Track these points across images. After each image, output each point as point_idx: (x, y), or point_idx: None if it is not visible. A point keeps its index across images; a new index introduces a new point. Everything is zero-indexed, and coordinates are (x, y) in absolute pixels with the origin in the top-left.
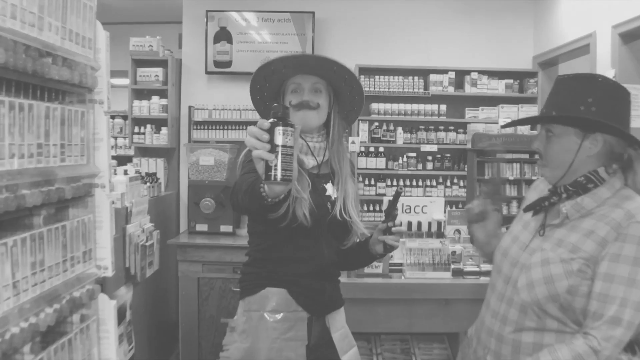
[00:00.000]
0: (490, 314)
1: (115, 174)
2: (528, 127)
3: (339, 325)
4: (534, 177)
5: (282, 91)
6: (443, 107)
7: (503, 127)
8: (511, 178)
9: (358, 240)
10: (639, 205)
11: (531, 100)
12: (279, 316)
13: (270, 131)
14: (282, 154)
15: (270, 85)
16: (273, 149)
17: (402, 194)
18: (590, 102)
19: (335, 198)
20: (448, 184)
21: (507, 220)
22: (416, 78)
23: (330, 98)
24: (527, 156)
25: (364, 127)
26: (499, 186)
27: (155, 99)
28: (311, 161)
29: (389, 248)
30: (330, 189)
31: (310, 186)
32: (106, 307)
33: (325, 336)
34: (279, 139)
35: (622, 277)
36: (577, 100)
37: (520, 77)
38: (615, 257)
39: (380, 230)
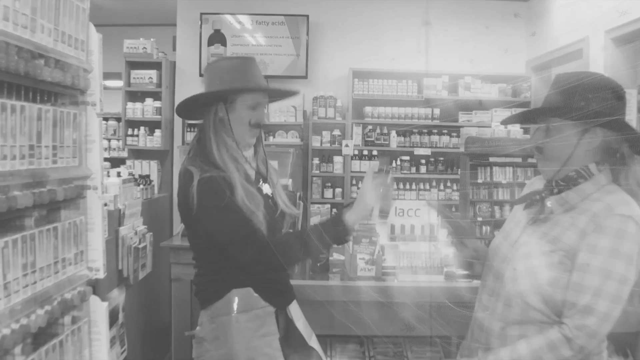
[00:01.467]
0: (481, 309)
1: (109, 176)
2: (521, 130)
3: (299, 314)
4: (526, 181)
5: (229, 99)
6: (437, 111)
7: (502, 123)
8: (504, 182)
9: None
10: (620, 198)
11: (524, 105)
12: (249, 315)
13: None
14: None
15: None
16: None
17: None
18: (591, 98)
19: (272, 194)
20: (441, 187)
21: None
22: (410, 82)
23: None
24: (519, 160)
25: (357, 131)
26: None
27: (149, 101)
28: (252, 171)
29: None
30: (266, 188)
31: (263, 203)
32: (98, 309)
33: (290, 326)
34: None
35: (596, 268)
36: (578, 95)
37: (514, 81)
38: (591, 247)
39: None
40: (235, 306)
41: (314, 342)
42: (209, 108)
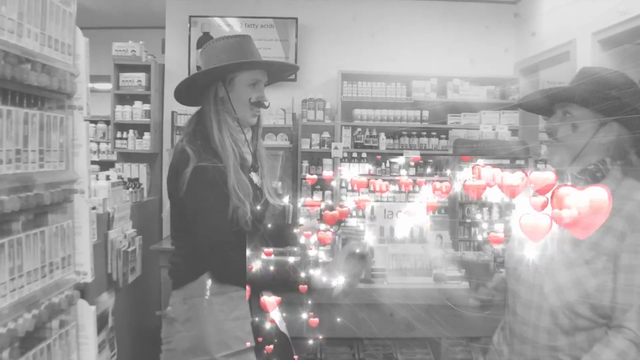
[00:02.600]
0: (520, 321)
1: (98, 179)
2: (509, 132)
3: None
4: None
5: (228, 78)
6: (425, 113)
7: (523, 106)
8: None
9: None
10: None
11: (513, 107)
12: (223, 298)
13: None
14: None
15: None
16: None
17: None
18: (615, 94)
19: (261, 185)
20: (430, 189)
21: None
22: (399, 84)
23: None
24: (507, 162)
25: (346, 133)
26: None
27: (137, 104)
28: (249, 155)
29: None
30: (255, 177)
31: (252, 192)
32: (85, 312)
33: (263, 311)
34: None
35: None
36: (602, 88)
37: (502, 83)
38: (634, 247)
39: None
40: (209, 288)
41: (284, 329)
42: (208, 89)
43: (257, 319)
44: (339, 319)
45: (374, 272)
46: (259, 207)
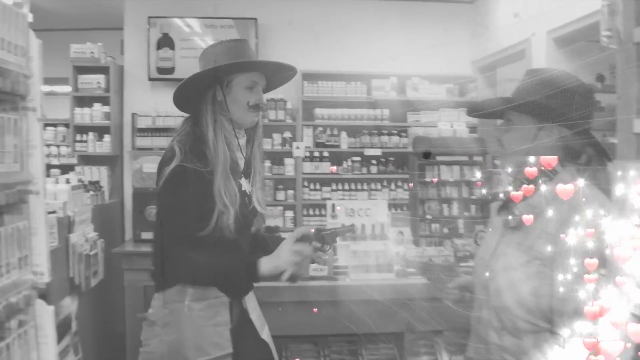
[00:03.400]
0: (476, 319)
1: (58, 182)
2: (467, 130)
3: (254, 305)
4: (472, 179)
5: (225, 80)
6: (386, 112)
7: (469, 114)
8: (451, 180)
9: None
10: (587, 198)
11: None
12: (203, 304)
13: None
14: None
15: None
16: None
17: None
18: (551, 95)
19: (250, 192)
20: (392, 187)
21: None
22: (359, 83)
23: None
24: (466, 159)
25: (308, 132)
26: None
27: (97, 106)
28: (241, 160)
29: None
30: (245, 183)
31: (239, 198)
32: (44, 312)
33: (244, 317)
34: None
35: None
36: (539, 91)
37: (460, 81)
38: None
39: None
40: (189, 294)
41: (265, 335)
42: (206, 93)
43: (236, 325)
44: (302, 317)
45: (337, 269)
46: (245, 213)
